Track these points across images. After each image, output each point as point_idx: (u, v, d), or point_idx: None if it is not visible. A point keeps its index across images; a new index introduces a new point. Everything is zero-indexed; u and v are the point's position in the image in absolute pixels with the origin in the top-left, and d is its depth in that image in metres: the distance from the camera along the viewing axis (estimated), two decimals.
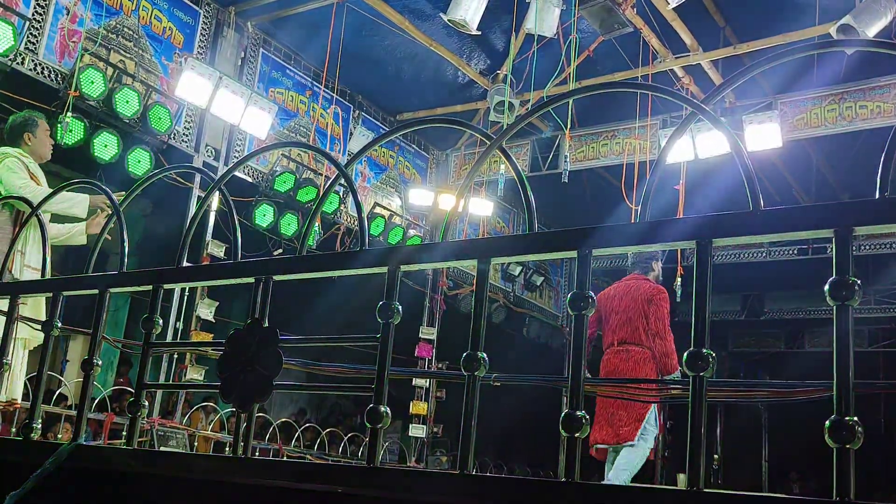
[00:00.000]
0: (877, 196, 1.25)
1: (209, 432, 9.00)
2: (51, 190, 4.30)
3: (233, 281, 1.98)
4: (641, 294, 5.93)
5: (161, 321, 2.11)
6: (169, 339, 8.29)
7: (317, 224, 9.86)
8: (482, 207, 11.72)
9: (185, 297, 8.71)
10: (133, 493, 2.00)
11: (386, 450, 11.73)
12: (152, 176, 2.28)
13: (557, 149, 11.23)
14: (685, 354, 1.31)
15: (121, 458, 2.05)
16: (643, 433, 5.70)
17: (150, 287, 2.09)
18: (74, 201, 4.77)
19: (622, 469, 5.63)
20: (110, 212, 4.76)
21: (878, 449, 16.39)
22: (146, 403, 2.08)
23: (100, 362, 2.20)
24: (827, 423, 1.18)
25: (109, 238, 2.55)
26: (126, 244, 2.24)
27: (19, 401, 4.76)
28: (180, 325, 8.58)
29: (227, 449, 8.49)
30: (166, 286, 2.12)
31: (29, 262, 4.47)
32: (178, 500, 1.97)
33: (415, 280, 11.90)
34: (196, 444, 8.41)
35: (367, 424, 1.61)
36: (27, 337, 4.34)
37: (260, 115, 9.11)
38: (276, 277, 1.85)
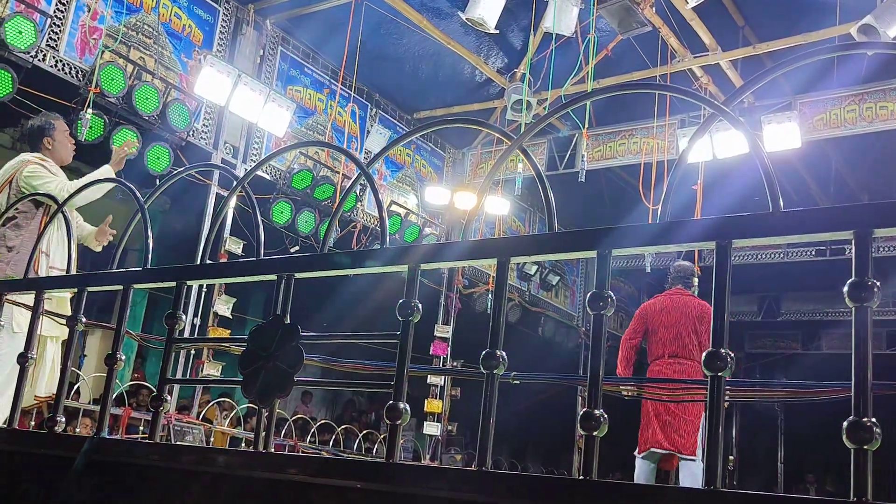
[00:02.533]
0: None
1: (226, 428, 9.06)
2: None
3: (255, 278, 2.00)
4: (692, 310, 6.18)
5: (184, 317, 2.13)
6: (186, 335, 8.34)
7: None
8: (499, 206, 11.72)
9: (203, 294, 8.76)
10: (154, 486, 2.03)
11: (400, 447, 11.74)
12: (177, 174, 2.30)
13: (574, 148, 11.22)
14: (704, 354, 1.32)
15: (143, 452, 2.08)
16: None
17: (172, 284, 2.11)
18: (99, 177, 4.73)
19: None
20: (133, 151, 4.80)
21: None
22: (169, 398, 2.10)
23: (123, 357, 2.23)
24: (845, 423, 1.19)
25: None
26: (150, 241, 2.27)
27: None
28: (198, 321, 8.63)
29: (243, 444, 8.54)
30: (189, 283, 2.14)
31: (54, 263, 4.49)
32: (199, 494, 1.99)
33: (430, 278, 11.92)
34: (213, 439, 8.46)
35: (387, 421, 1.63)
36: (59, 335, 4.37)
37: (278, 112, 9.17)
38: (298, 275, 1.87)
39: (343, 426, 10.90)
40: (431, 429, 11.66)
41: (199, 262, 2.11)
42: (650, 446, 5.97)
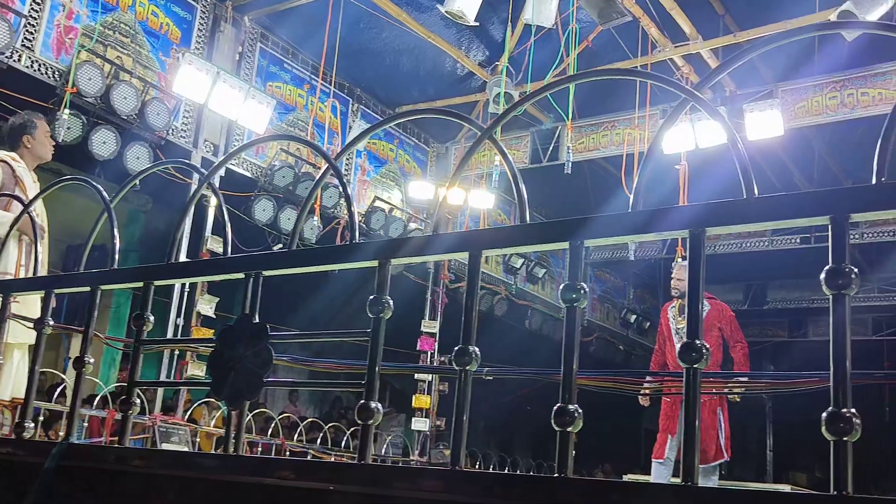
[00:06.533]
0: (873, 181, 1.22)
1: (212, 428, 8.99)
2: None
3: (222, 276, 1.95)
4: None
5: (152, 318, 2.08)
6: (170, 335, 8.28)
7: (316, 218, 9.83)
8: (483, 200, 11.68)
9: (186, 294, 8.69)
10: (124, 491, 1.98)
11: (389, 443, 11.73)
12: (139, 174, 2.25)
13: (558, 140, 11.19)
14: (678, 346, 1.28)
15: (113, 457, 2.03)
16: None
17: (139, 284, 2.06)
18: None
19: None
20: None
21: (883, 437, 16.38)
22: (138, 402, 2.05)
23: (91, 360, 2.18)
24: (824, 414, 1.15)
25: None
26: (118, 241, 2.21)
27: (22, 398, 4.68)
28: (181, 322, 8.56)
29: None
30: (157, 283, 2.09)
31: (6, 269, 4.37)
32: (172, 499, 1.95)
33: (416, 273, 11.89)
34: (198, 439, 8.39)
35: (358, 421, 1.58)
36: (27, 340, 4.26)
37: (258, 109, 9.10)
38: (266, 272, 1.82)
39: (331, 424, 10.84)
40: (420, 424, 11.63)
41: (167, 262, 2.06)
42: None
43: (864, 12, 7.43)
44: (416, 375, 11.65)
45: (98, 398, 8.25)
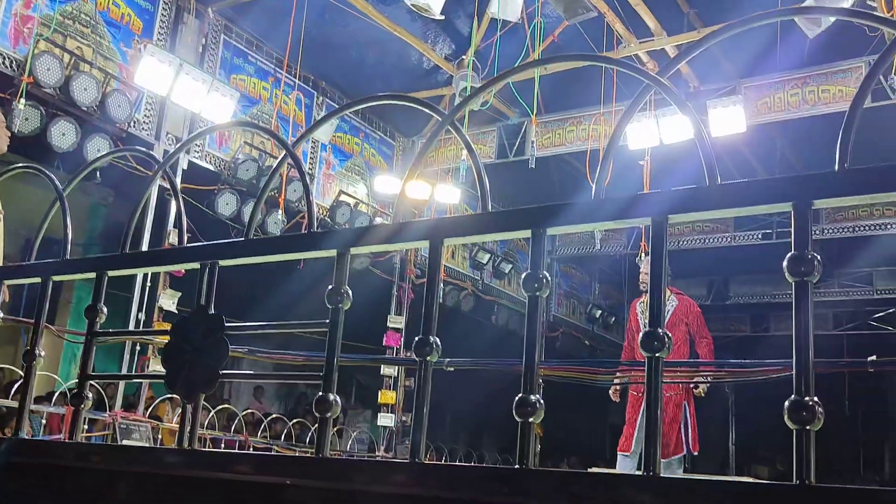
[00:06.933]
0: (836, 168, 1.21)
1: (174, 425, 8.87)
2: None
3: (177, 266, 1.90)
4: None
5: (105, 310, 2.02)
6: (131, 329, 8.15)
7: (280, 212, 9.74)
8: (449, 194, 11.65)
9: (148, 288, 8.56)
10: (76, 488, 1.93)
11: (355, 439, 11.67)
12: (93, 162, 2.19)
13: (524, 135, 11.18)
14: (640, 335, 1.26)
15: (63, 453, 1.97)
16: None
17: (92, 275, 2.01)
18: None
19: None
20: None
21: (842, 429, 16.62)
22: (90, 396, 2.00)
23: (43, 353, 2.12)
24: (786, 403, 1.14)
25: None
26: (69, 231, 2.15)
27: None
28: (142, 316, 8.44)
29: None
30: (111, 273, 2.03)
31: None
32: (126, 494, 1.90)
33: (382, 269, 11.83)
34: (160, 436, 8.29)
35: (316, 414, 1.55)
36: None
37: (222, 102, 8.99)
38: (222, 262, 1.78)
39: (295, 420, 10.77)
40: (386, 420, 11.60)
41: (120, 252, 2.01)
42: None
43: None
44: (382, 371, 11.61)
45: (57, 394, 8.13)
